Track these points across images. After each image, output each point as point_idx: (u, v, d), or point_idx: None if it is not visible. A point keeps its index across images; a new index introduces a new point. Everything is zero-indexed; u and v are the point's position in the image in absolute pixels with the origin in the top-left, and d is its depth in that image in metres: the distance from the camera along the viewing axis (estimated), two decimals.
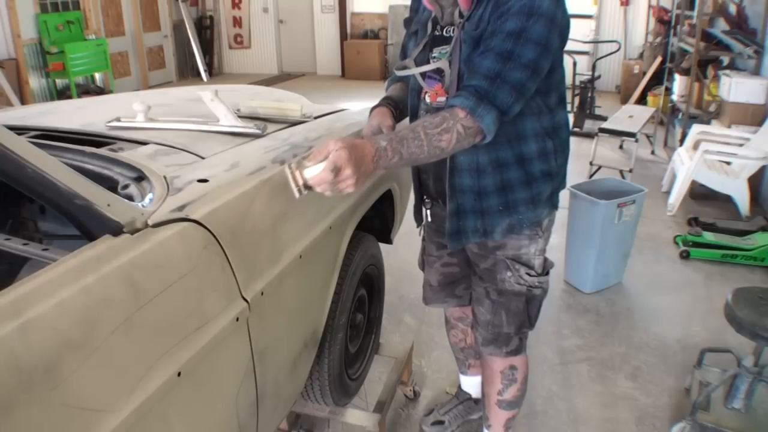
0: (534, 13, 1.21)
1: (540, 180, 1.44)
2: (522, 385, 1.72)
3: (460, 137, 1.22)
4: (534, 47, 1.22)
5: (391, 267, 2.35)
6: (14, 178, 0.87)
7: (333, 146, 1.08)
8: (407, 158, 1.19)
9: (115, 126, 1.55)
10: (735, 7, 4.96)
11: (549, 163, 1.44)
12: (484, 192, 1.43)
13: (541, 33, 1.22)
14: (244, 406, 1.19)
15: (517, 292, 1.54)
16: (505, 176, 1.42)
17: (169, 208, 1.07)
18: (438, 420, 2.06)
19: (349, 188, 1.11)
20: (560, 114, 1.45)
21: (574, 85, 6.43)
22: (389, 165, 1.18)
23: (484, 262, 1.56)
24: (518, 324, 1.58)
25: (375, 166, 1.15)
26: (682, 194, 3.98)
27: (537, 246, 1.52)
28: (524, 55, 1.22)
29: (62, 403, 0.76)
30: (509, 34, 1.22)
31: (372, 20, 9.83)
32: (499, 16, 1.24)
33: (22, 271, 1.31)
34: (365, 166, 1.12)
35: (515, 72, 1.22)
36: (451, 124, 1.21)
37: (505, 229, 1.47)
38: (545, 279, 1.57)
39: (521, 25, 1.21)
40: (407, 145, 1.18)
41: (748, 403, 1.99)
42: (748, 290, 1.99)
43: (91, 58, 7.16)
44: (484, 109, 1.22)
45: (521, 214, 1.45)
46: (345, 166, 1.08)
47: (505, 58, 1.22)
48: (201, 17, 10.16)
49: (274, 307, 1.28)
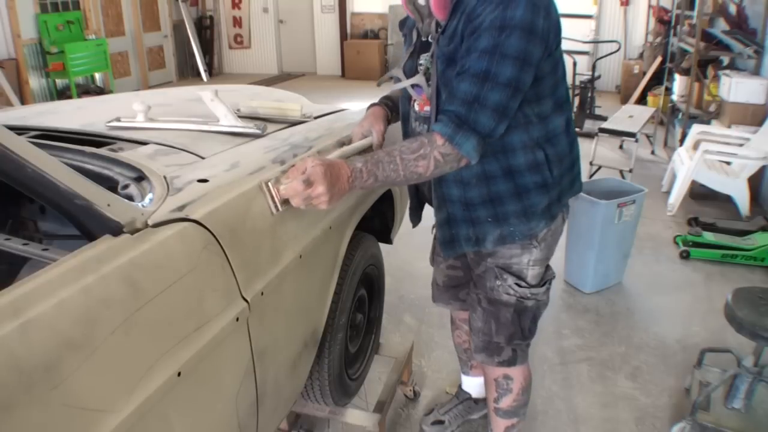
0: (506, 26, 1.14)
1: (533, 192, 1.36)
2: (519, 396, 1.66)
3: (438, 164, 1.21)
4: (512, 63, 1.15)
5: (391, 267, 2.35)
6: (14, 178, 0.87)
7: (310, 163, 1.14)
8: (383, 180, 1.21)
9: (115, 126, 1.55)
10: (735, 7, 4.96)
11: (542, 174, 1.35)
12: (471, 203, 1.40)
13: (517, 47, 1.14)
14: (244, 406, 1.19)
15: (505, 302, 1.49)
16: (493, 189, 1.36)
17: (169, 208, 1.07)
18: (438, 420, 2.05)
19: (322, 204, 1.16)
20: (556, 121, 1.36)
21: (574, 85, 6.43)
22: (365, 186, 1.20)
23: (478, 268, 1.53)
24: (508, 335, 1.53)
25: (350, 186, 1.18)
26: (682, 194, 3.98)
27: (530, 256, 1.46)
28: (502, 73, 1.15)
29: (62, 403, 0.76)
30: (483, 51, 1.16)
31: (372, 20, 9.83)
32: (472, 32, 1.18)
33: (22, 271, 1.31)
34: (340, 185, 1.16)
35: (494, 93, 1.16)
36: (429, 150, 1.20)
37: (496, 239, 1.42)
38: (539, 291, 1.50)
39: (494, 41, 1.15)
40: (383, 168, 1.19)
41: (748, 403, 1.99)
42: (748, 290, 1.99)
43: (91, 58, 7.16)
44: (463, 137, 1.18)
45: (512, 226, 1.40)
46: (319, 181, 1.13)
47: (482, 78, 1.16)
48: (201, 17, 10.16)
49: (274, 307, 1.28)
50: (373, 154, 1.23)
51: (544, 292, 1.52)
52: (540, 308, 1.54)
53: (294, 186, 1.15)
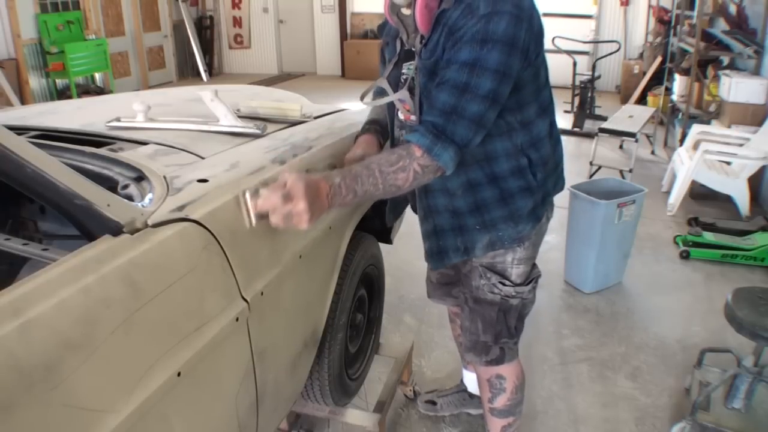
0: (488, 40, 1.14)
1: (518, 196, 1.38)
2: (513, 395, 1.66)
3: (417, 176, 1.20)
4: (491, 76, 1.15)
5: (391, 267, 2.35)
6: (14, 178, 0.87)
7: (290, 177, 1.08)
8: (362, 195, 1.17)
9: (115, 126, 1.55)
10: (735, 7, 4.96)
11: (526, 179, 1.37)
12: (458, 212, 1.40)
13: (498, 60, 1.15)
14: (244, 406, 1.19)
15: (490, 300, 1.50)
16: (479, 196, 1.37)
17: (168, 208, 1.07)
18: (432, 400, 2.10)
19: (302, 223, 1.08)
20: (539, 126, 1.36)
21: (574, 85, 6.44)
22: (344, 203, 1.17)
23: (464, 268, 1.55)
24: (494, 333, 1.53)
25: (329, 203, 1.13)
26: (682, 194, 3.98)
27: (514, 255, 1.46)
28: (481, 86, 1.15)
29: (62, 403, 0.76)
30: (464, 64, 1.16)
31: (372, 20, 9.82)
32: (454, 44, 1.18)
33: (22, 271, 1.31)
34: (320, 202, 1.11)
35: (472, 105, 1.16)
36: (407, 162, 1.18)
37: (486, 246, 1.43)
38: (524, 289, 1.50)
39: (475, 55, 1.15)
40: (361, 182, 1.16)
41: (748, 403, 1.99)
42: (748, 290, 1.99)
43: (91, 58, 7.16)
44: (441, 147, 1.18)
45: (501, 231, 1.41)
46: (299, 198, 1.06)
47: (461, 90, 1.16)
48: (201, 17, 10.16)
49: (274, 307, 1.28)
50: (350, 168, 1.19)
51: (530, 291, 1.53)
52: (526, 306, 1.55)
53: (272, 200, 1.06)
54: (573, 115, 6.28)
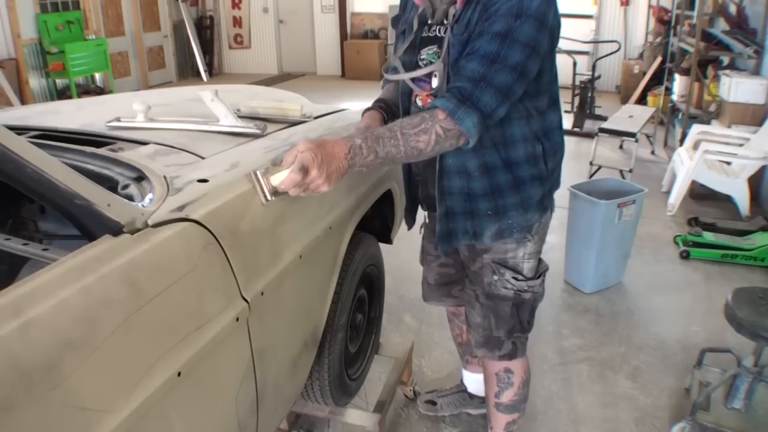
0: (522, 14, 1.18)
1: (529, 184, 1.41)
2: (520, 390, 1.68)
3: (439, 138, 1.20)
4: (521, 49, 1.19)
5: (391, 267, 2.35)
6: (14, 178, 0.87)
7: (300, 148, 1.11)
8: (383, 157, 1.18)
9: (115, 126, 1.55)
10: (735, 7, 4.96)
11: (538, 166, 1.41)
12: (472, 194, 1.42)
13: (529, 34, 1.19)
14: (244, 406, 1.19)
15: (503, 296, 1.52)
16: (494, 181, 1.39)
17: (169, 208, 1.07)
18: (432, 400, 2.11)
19: (321, 188, 1.13)
20: (551, 117, 1.42)
21: (574, 85, 6.43)
22: (365, 163, 1.17)
23: (473, 265, 1.55)
24: (508, 328, 1.56)
25: (349, 163, 1.15)
26: (682, 194, 3.98)
27: (525, 250, 1.50)
28: (511, 56, 1.19)
29: (62, 403, 0.76)
30: (496, 35, 1.19)
31: (372, 20, 9.83)
32: (487, 18, 1.22)
33: (22, 271, 1.31)
34: (336, 163, 1.13)
35: (501, 74, 1.19)
36: (430, 125, 1.19)
37: (494, 233, 1.45)
38: (536, 283, 1.53)
39: (508, 27, 1.19)
40: (383, 143, 1.17)
41: (748, 403, 1.99)
42: (748, 290, 1.99)
43: (91, 58, 7.16)
44: (465, 112, 1.19)
45: (511, 218, 1.43)
46: (310, 166, 1.10)
47: (491, 59, 1.19)
48: (201, 17, 10.16)
49: (274, 307, 1.28)
50: (372, 129, 1.22)
51: (540, 284, 1.56)
52: (537, 300, 1.58)
53: (291, 178, 1.11)
54: (573, 114, 6.28)
